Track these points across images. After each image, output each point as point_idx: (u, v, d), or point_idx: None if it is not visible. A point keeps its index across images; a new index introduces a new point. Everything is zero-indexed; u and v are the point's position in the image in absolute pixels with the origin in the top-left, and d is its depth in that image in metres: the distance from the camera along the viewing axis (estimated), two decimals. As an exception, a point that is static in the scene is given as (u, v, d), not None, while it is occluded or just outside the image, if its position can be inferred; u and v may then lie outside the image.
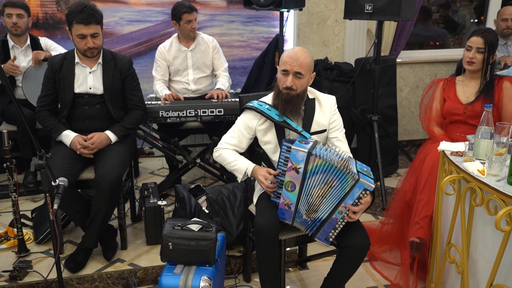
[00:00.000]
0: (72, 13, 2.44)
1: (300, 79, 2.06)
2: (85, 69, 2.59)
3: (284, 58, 2.07)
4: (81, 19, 2.42)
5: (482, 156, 1.91)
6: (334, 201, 1.92)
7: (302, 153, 1.88)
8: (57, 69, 2.56)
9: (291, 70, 2.04)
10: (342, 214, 1.92)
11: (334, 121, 2.18)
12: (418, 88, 4.49)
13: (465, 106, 2.58)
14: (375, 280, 2.54)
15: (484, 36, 2.49)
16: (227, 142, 2.20)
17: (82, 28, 2.44)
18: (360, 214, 1.94)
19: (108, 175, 2.40)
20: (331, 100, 2.21)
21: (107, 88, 2.59)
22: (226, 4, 4.05)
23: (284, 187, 1.94)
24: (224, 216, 2.61)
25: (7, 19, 3.22)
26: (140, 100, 2.73)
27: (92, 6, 2.48)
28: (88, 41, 2.48)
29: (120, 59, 2.66)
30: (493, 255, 1.75)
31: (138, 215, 3.01)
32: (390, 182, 3.69)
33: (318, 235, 1.99)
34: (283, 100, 2.08)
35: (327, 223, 1.95)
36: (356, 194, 1.88)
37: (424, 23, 4.67)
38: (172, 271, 2.11)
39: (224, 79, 3.46)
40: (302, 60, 2.04)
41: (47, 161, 1.87)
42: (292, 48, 2.11)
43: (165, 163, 3.86)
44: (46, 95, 2.60)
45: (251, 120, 2.17)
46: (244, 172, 2.11)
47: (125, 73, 2.64)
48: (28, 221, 2.91)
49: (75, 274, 2.42)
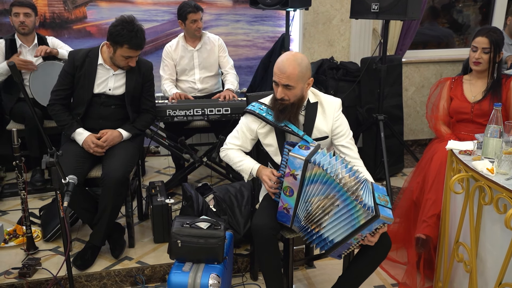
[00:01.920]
0: (124, 36, 2.41)
1: (291, 90, 1.99)
2: (108, 71, 2.60)
3: (275, 68, 1.99)
4: (135, 45, 2.45)
5: (491, 154, 1.91)
6: (346, 228, 1.84)
7: (299, 160, 1.83)
8: (78, 66, 2.54)
9: (279, 83, 1.98)
10: (358, 240, 1.86)
11: (338, 127, 2.09)
12: (424, 88, 4.48)
13: (472, 105, 2.58)
14: (382, 279, 2.55)
15: (489, 35, 2.49)
16: (232, 143, 2.20)
17: (132, 52, 2.48)
18: (376, 240, 1.87)
19: (114, 172, 2.41)
20: (335, 104, 2.12)
21: (129, 91, 2.61)
22: (232, 4, 4.06)
23: (283, 192, 1.92)
24: (231, 214, 2.62)
25: (14, 18, 3.24)
26: (153, 106, 2.79)
27: (142, 30, 2.49)
28: (131, 61, 2.52)
29: (144, 63, 2.69)
30: (502, 253, 1.75)
31: (145, 214, 3.02)
32: (396, 181, 3.69)
33: (332, 253, 1.95)
34: (277, 109, 2.04)
35: (341, 246, 1.89)
36: (374, 226, 1.80)
37: (431, 22, 4.67)
38: (181, 268, 2.12)
39: (232, 77, 3.46)
40: (289, 72, 1.94)
41: (57, 158, 1.87)
42: (284, 56, 2.00)
43: (171, 162, 3.87)
44: (62, 89, 2.58)
45: (252, 123, 2.16)
46: (250, 172, 2.12)
47: (147, 77, 2.69)
48: (36, 219, 2.92)
49: (83, 272, 2.43)
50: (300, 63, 1.97)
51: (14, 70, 1.81)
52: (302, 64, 1.98)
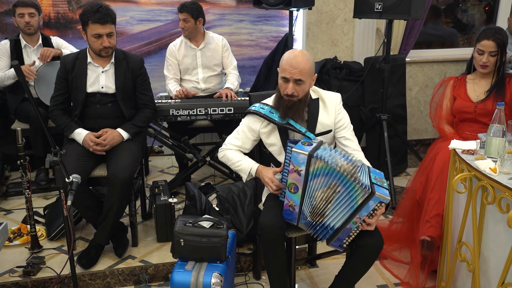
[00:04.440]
0: (87, 13, 2.46)
1: (301, 85, 2.02)
2: (97, 68, 2.62)
3: (284, 64, 2.01)
4: (97, 19, 2.45)
5: (494, 154, 1.90)
6: (346, 211, 1.88)
7: (303, 155, 1.86)
8: (69, 69, 2.59)
9: (291, 78, 2.00)
10: (357, 224, 1.89)
11: (340, 120, 2.14)
12: (428, 88, 4.47)
13: (476, 104, 2.57)
14: (385, 278, 2.54)
15: (496, 39, 2.46)
16: (231, 143, 2.21)
17: (98, 28, 2.47)
18: (375, 223, 1.91)
19: (120, 172, 2.42)
20: (335, 98, 2.16)
21: (119, 87, 2.62)
22: (235, 4, 4.07)
23: (288, 189, 1.94)
24: (234, 214, 2.63)
25: (19, 19, 3.26)
26: (150, 100, 2.76)
27: (106, 6, 2.51)
28: (104, 41, 2.50)
29: (132, 58, 2.68)
30: (505, 253, 1.75)
31: (148, 213, 3.03)
32: (399, 181, 3.68)
33: (333, 242, 1.97)
34: (285, 107, 2.05)
35: (341, 232, 1.92)
36: (371, 206, 1.84)
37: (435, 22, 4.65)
38: (183, 267, 2.13)
39: (234, 78, 3.47)
40: (302, 66, 1.98)
41: (61, 157, 1.89)
42: (291, 53, 2.04)
43: (174, 161, 3.89)
44: (59, 94, 2.63)
45: (254, 123, 2.16)
46: (249, 172, 2.12)
47: (137, 72, 2.67)
48: (40, 218, 2.94)
49: (87, 270, 2.45)
50: (309, 58, 2.03)
51: (18, 70, 1.82)
52: (310, 60, 2.04)
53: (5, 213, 3.12)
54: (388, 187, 1.91)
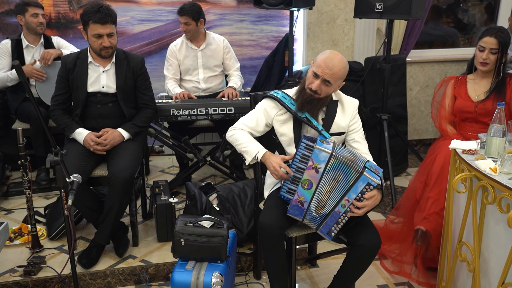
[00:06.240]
0: (88, 13, 2.47)
1: (328, 87, 2.05)
2: (98, 68, 2.62)
3: (320, 61, 2.02)
4: (98, 19, 2.45)
5: (494, 154, 1.90)
6: (338, 194, 1.93)
7: (325, 153, 1.88)
8: (70, 69, 2.60)
9: (321, 76, 2.02)
10: (345, 208, 1.92)
11: (353, 124, 2.18)
12: (428, 87, 4.47)
13: (476, 104, 2.58)
14: (385, 278, 2.54)
15: (498, 36, 2.47)
16: (244, 123, 2.20)
17: (99, 28, 2.48)
18: (365, 210, 1.92)
19: (121, 172, 2.43)
20: (354, 104, 2.21)
21: (120, 87, 2.62)
22: (236, 4, 4.07)
23: (301, 185, 1.95)
24: (234, 213, 2.63)
25: (32, 18, 3.26)
26: (151, 100, 2.76)
27: (107, 6, 2.52)
28: (104, 41, 2.51)
29: (133, 58, 2.69)
30: (505, 253, 1.74)
31: (149, 213, 3.03)
32: (400, 181, 3.68)
33: (321, 228, 1.99)
34: (304, 99, 2.08)
35: (329, 216, 1.96)
36: (359, 188, 1.88)
37: (435, 22, 4.65)
38: (184, 267, 2.13)
39: (237, 78, 3.48)
40: (336, 70, 2.00)
41: (62, 157, 1.89)
42: (331, 53, 2.04)
43: (175, 161, 3.89)
44: (59, 94, 2.64)
45: (272, 109, 2.17)
46: (255, 156, 2.08)
47: (138, 72, 2.67)
48: (41, 217, 2.95)
49: (87, 270, 2.45)
50: (345, 66, 2.05)
51: (18, 70, 1.83)
52: (346, 68, 2.06)
53: (6, 212, 3.13)
54: (381, 175, 1.94)
